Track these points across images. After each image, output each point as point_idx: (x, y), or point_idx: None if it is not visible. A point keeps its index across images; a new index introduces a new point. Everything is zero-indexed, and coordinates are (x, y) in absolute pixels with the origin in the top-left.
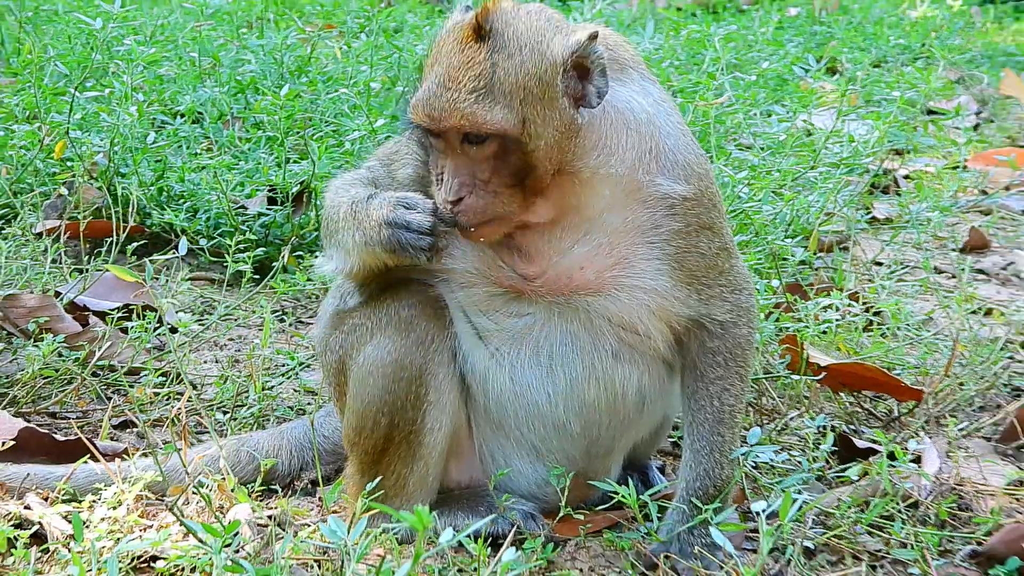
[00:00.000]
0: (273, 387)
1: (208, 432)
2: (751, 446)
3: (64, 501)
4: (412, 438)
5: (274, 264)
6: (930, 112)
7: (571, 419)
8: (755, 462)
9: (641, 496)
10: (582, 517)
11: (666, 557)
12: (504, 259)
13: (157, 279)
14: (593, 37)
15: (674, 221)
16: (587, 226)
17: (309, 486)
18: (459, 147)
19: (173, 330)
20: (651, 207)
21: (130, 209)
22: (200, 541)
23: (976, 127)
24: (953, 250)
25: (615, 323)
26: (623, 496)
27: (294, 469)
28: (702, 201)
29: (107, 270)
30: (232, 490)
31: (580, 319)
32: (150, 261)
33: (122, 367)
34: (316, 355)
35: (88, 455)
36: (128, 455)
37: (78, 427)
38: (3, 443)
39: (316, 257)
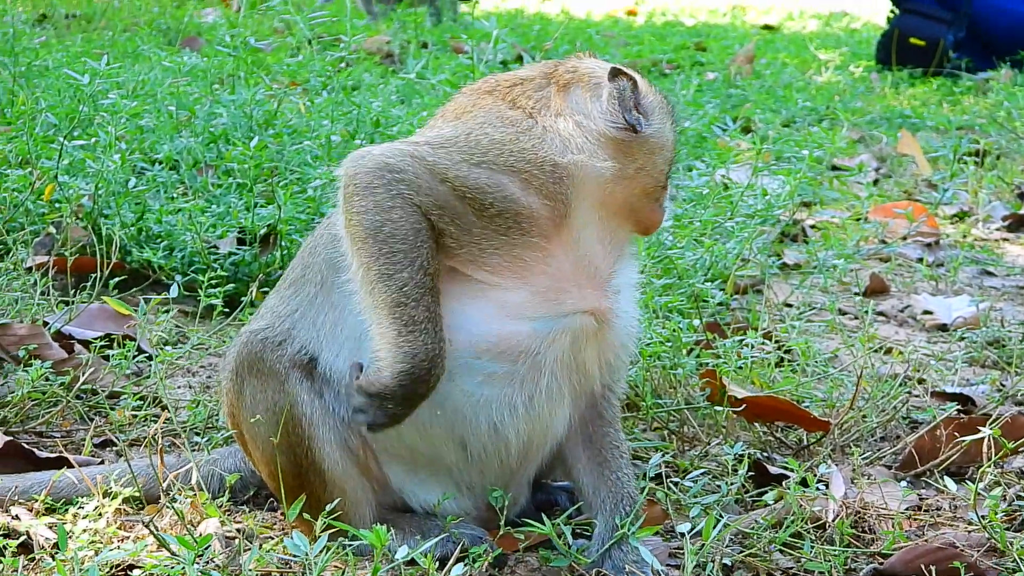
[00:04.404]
0: None
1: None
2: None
3: (47, 511)
4: (316, 468)
5: (243, 299)
6: (835, 168)
7: (511, 453)
8: (677, 484)
9: (555, 522)
10: (522, 536)
11: (599, 574)
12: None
13: (146, 314)
14: None
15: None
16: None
17: (274, 503)
18: None
19: (150, 358)
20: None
21: (112, 247)
22: (172, 553)
23: (876, 182)
24: (856, 294)
25: (589, 361)
26: (542, 530)
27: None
28: None
29: (104, 302)
30: (204, 504)
31: (577, 350)
32: (144, 300)
33: (103, 391)
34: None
35: (67, 466)
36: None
37: (62, 445)
38: None
39: None
